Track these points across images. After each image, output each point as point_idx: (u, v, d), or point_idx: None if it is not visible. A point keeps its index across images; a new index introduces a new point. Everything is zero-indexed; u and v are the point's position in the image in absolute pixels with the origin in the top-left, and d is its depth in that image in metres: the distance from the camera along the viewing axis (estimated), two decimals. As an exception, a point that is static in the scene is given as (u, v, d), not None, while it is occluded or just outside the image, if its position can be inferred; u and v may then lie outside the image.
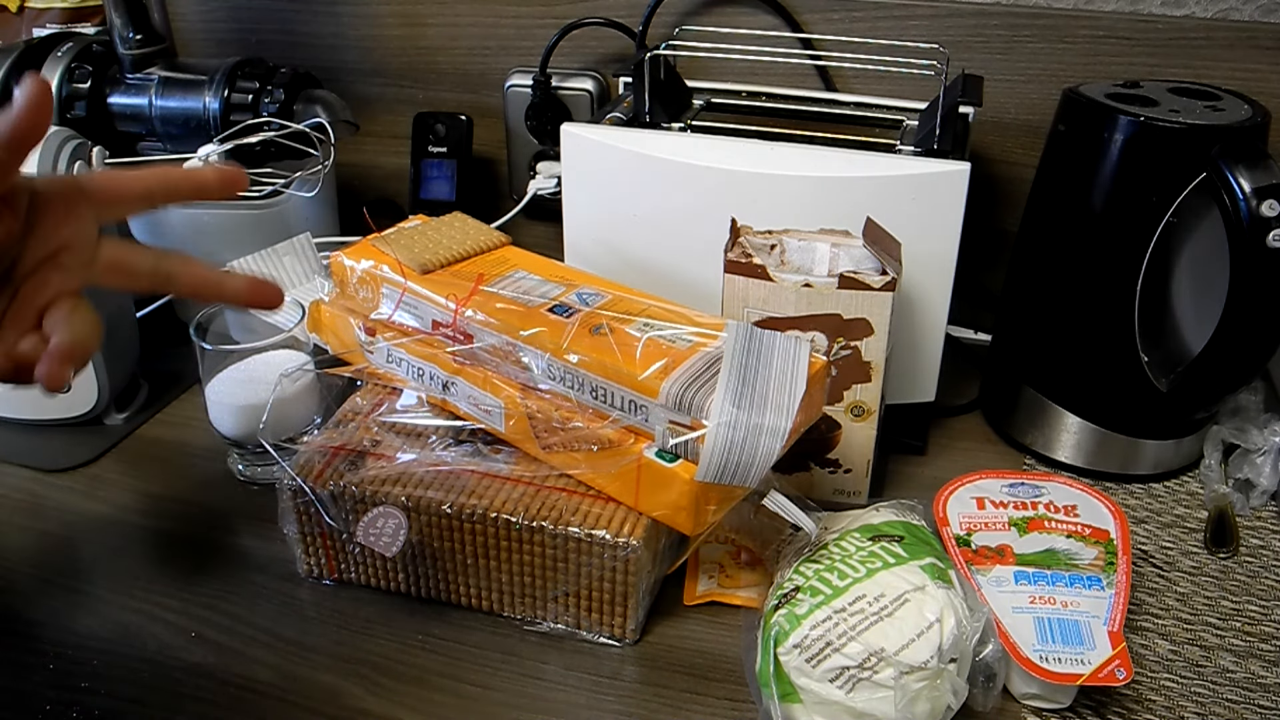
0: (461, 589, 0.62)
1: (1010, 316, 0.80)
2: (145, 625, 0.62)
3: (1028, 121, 0.87)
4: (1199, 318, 0.68)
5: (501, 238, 0.72)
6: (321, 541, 0.63)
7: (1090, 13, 0.83)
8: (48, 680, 0.58)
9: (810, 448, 0.69)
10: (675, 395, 0.56)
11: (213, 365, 0.72)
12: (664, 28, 0.91)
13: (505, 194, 1.02)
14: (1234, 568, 0.67)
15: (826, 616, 0.54)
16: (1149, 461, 0.75)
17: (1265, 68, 0.81)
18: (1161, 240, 0.67)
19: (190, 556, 0.68)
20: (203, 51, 1.06)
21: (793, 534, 0.62)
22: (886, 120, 0.79)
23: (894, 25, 0.87)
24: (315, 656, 0.60)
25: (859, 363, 0.65)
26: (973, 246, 0.70)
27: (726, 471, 0.54)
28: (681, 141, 0.73)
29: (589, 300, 0.64)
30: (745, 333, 0.58)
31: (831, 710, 0.52)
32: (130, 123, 0.87)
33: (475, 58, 1.00)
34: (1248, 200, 0.62)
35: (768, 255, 0.66)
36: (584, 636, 0.61)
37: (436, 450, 0.63)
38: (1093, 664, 0.54)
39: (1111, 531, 0.62)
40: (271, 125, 0.83)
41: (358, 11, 1.01)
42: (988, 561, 0.60)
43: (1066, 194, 0.71)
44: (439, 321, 0.64)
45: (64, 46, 0.86)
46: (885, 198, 0.68)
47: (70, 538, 0.70)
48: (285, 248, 0.80)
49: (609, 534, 0.57)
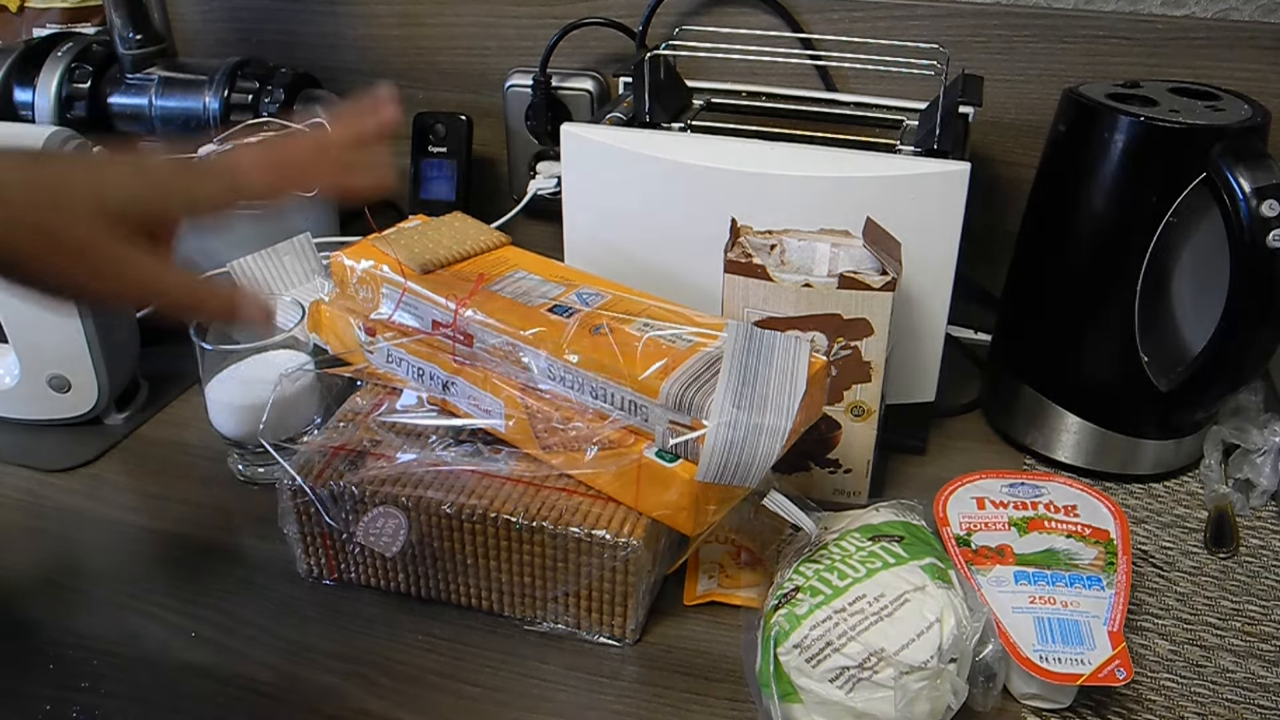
0: (461, 589, 0.62)
1: (1010, 316, 0.80)
2: (145, 625, 0.62)
3: (1028, 121, 0.87)
4: (1199, 318, 0.68)
5: (501, 238, 0.72)
6: (321, 541, 0.63)
7: (1090, 13, 0.83)
8: (48, 680, 0.58)
9: (810, 448, 0.69)
10: (675, 395, 0.56)
11: (213, 365, 0.72)
12: (664, 28, 0.91)
13: (505, 194, 1.02)
14: (1234, 568, 0.67)
15: (826, 616, 0.54)
16: (1149, 461, 0.75)
17: (1265, 68, 0.81)
18: (1161, 240, 0.67)
19: (190, 556, 0.68)
20: (203, 51, 1.06)
21: (793, 534, 0.62)
22: (886, 120, 0.79)
23: (894, 25, 0.87)
24: (315, 656, 0.60)
25: (859, 363, 0.65)
26: (973, 246, 0.70)
27: (726, 471, 0.54)
28: (681, 141, 0.73)
29: (589, 300, 0.64)
30: (745, 333, 0.58)
31: (831, 710, 0.52)
32: (130, 123, 0.87)
33: (475, 58, 1.00)
34: (1248, 200, 0.62)
35: (768, 255, 0.66)
36: (584, 636, 0.61)
37: (436, 450, 0.63)
38: (1093, 664, 0.54)
39: (1111, 531, 0.62)
40: (271, 125, 0.83)
41: (357, 11, 1.01)
42: (988, 561, 0.60)
43: (1066, 194, 0.71)
44: (439, 321, 0.64)
45: (64, 46, 0.86)
46: (885, 198, 0.67)
47: (70, 538, 0.70)
48: (285, 248, 0.80)
49: (609, 534, 0.57)
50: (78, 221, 0.45)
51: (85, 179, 0.46)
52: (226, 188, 0.49)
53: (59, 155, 0.48)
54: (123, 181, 0.47)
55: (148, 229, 0.47)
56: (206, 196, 0.49)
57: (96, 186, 0.46)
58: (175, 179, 0.48)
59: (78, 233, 0.44)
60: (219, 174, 0.50)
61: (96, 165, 0.47)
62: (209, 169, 0.50)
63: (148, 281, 0.47)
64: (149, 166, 0.48)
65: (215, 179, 0.50)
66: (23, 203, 0.44)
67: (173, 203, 0.48)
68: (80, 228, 0.44)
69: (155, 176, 0.48)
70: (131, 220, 0.46)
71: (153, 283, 0.47)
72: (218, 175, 0.50)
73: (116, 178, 0.47)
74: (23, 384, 0.77)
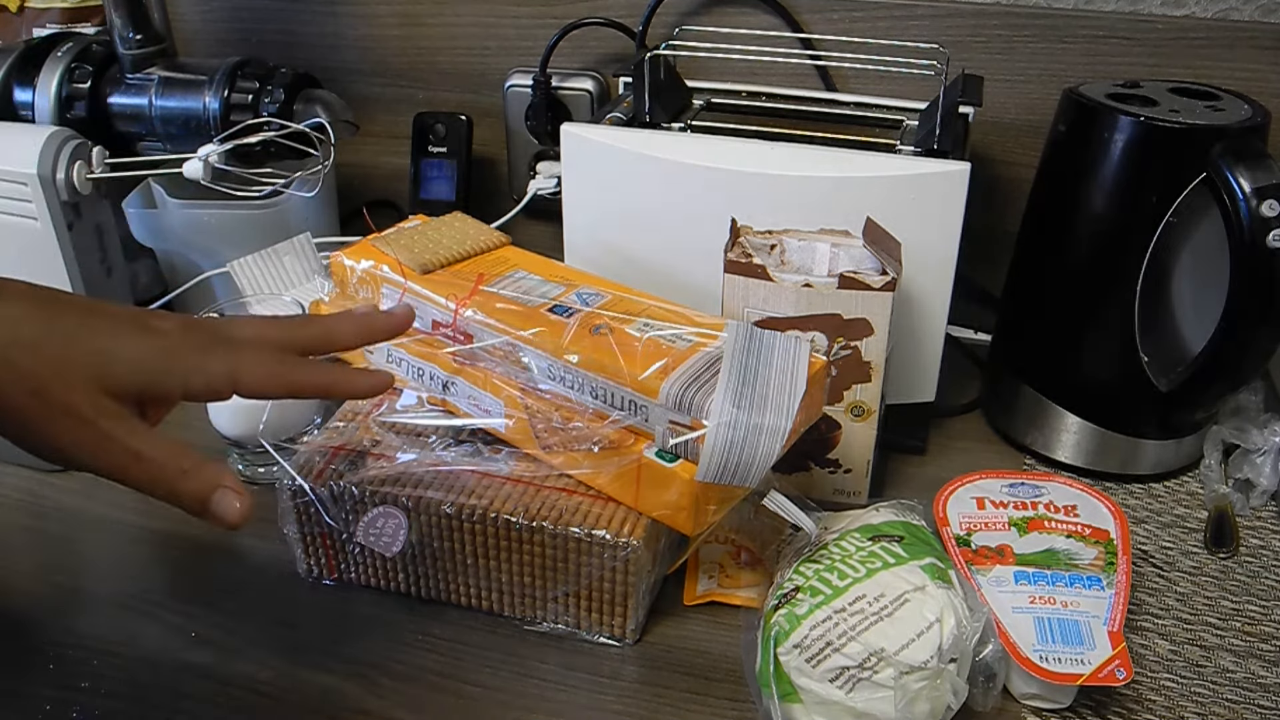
0: (461, 589, 0.62)
1: (1010, 316, 0.80)
2: (145, 625, 0.62)
3: (1028, 121, 0.87)
4: (1199, 318, 0.68)
5: (501, 238, 0.72)
6: (321, 541, 0.63)
7: (1090, 13, 0.83)
8: (48, 680, 0.58)
9: (810, 448, 0.69)
10: (675, 395, 0.56)
11: (213, 365, 0.71)
12: (664, 28, 0.91)
13: (505, 194, 1.02)
14: (1234, 568, 0.67)
15: (826, 616, 0.54)
16: (1149, 461, 0.75)
17: (1265, 68, 0.81)
18: (1161, 240, 0.67)
19: (190, 556, 0.68)
20: (203, 51, 1.06)
21: (793, 534, 0.62)
22: (886, 120, 0.79)
23: (894, 25, 0.87)
24: (315, 656, 0.60)
25: (859, 363, 0.65)
26: (973, 246, 0.70)
27: (726, 471, 0.54)
28: (681, 141, 0.73)
29: (589, 300, 0.64)
30: (745, 333, 0.58)
31: (831, 710, 0.52)
32: (130, 123, 0.87)
33: (475, 58, 1.00)
34: (1248, 200, 0.62)
35: (768, 255, 0.66)
36: (584, 636, 0.61)
37: (436, 450, 0.63)
38: (1093, 664, 0.54)
39: (1111, 531, 0.62)
40: (271, 125, 0.83)
41: (357, 11, 1.01)
42: (988, 561, 0.60)
43: (1066, 194, 0.71)
44: (439, 321, 0.64)
45: (64, 46, 0.86)
46: (885, 198, 0.67)
47: (70, 538, 0.70)
48: (285, 248, 0.80)
49: (609, 534, 0.57)
50: (75, 392, 0.44)
51: (92, 348, 0.45)
52: (226, 374, 0.48)
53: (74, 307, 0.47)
54: (129, 354, 0.46)
55: (142, 404, 0.47)
56: (205, 384, 0.48)
57: (102, 357, 0.45)
58: (183, 357, 0.47)
59: (73, 401, 0.44)
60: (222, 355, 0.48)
61: (108, 332, 0.46)
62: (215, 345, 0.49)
63: (132, 454, 0.45)
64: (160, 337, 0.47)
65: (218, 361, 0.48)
66: (27, 367, 0.44)
67: (173, 384, 0.47)
68: (76, 397, 0.44)
69: (162, 351, 0.47)
70: (130, 395, 0.46)
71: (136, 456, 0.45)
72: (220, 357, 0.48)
73: (123, 349, 0.46)
74: (23, 384, 0.77)
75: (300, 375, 0.51)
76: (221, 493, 0.47)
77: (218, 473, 0.47)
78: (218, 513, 0.47)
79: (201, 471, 0.47)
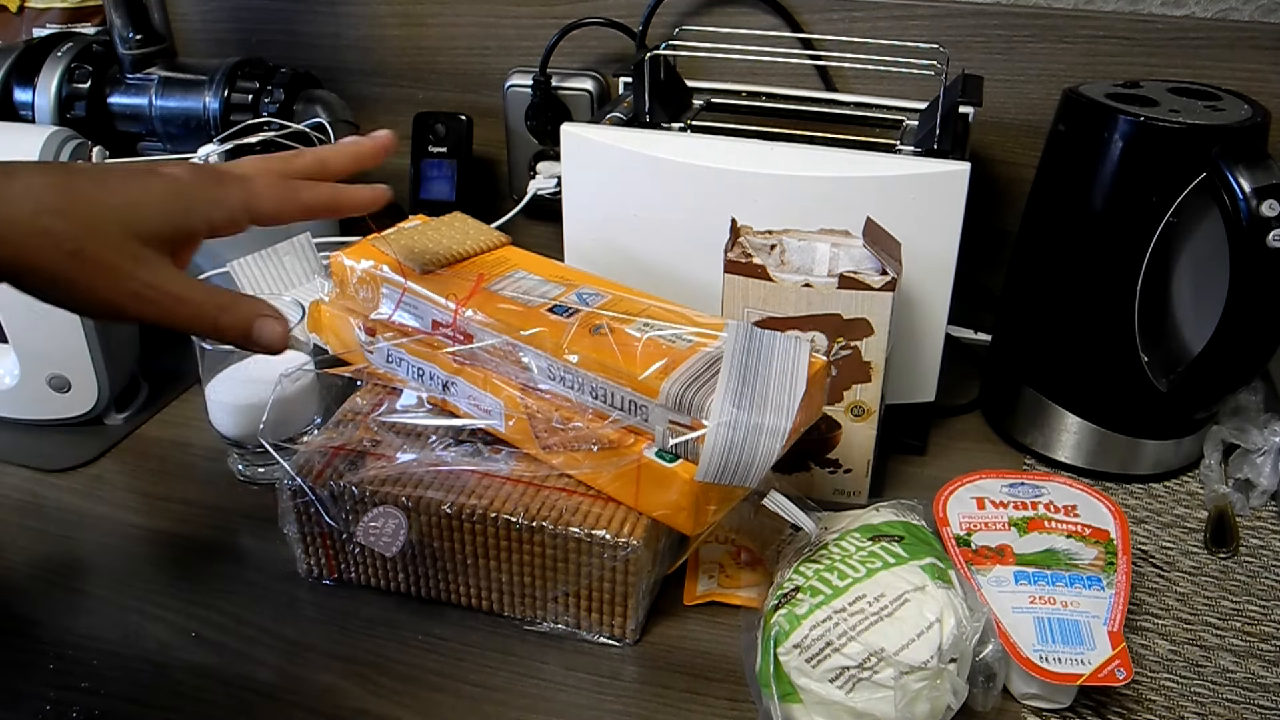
0: (461, 589, 0.62)
1: (1010, 316, 0.80)
2: (145, 625, 0.62)
3: (1028, 121, 0.87)
4: (1199, 318, 0.68)
5: (501, 238, 0.72)
6: (321, 541, 0.63)
7: (1090, 13, 0.83)
8: (48, 680, 0.58)
9: (810, 448, 0.69)
10: (675, 395, 0.56)
11: (213, 365, 0.72)
12: (664, 28, 0.91)
13: (505, 194, 1.02)
14: (1234, 568, 0.67)
15: (826, 616, 0.54)
16: (1149, 461, 0.75)
17: (1265, 68, 0.81)
18: (1161, 240, 0.67)
19: (190, 556, 0.68)
20: (203, 51, 1.06)
21: (793, 534, 0.62)
22: (886, 120, 0.79)
23: (894, 25, 0.87)
24: (315, 656, 0.60)
25: (859, 363, 0.65)
26: (973, 246, 0.70)
27: (726, 471, 0.54)
28: (681, 141, 0.73)
29: (589, 300, 0.64)
30: (745, 333, 0.58)
31: (831, 710, 0.52)
32: (130, 123, 0.87)
33: (475, 58, 1.00)
34: (1248, 200, 0.62)
35: (768, 255, 0.66)
36: (584, 636, 0.61)
37: (436, 450, 0.63)
38: (1093, 664, 0.54)
39: (1111, 531, 0.62)
40: (271, 125, 0.83)
41: (358, 11, 1.01)
42: (988, 561, 0.60)
43: (1066, 194, 0.71)
44: (439, 321, 0.64)
45: (64, 46, 0.86)
46: (885, 198, 0.68)
47: (70, 538, 0.70)
48: (285, 248, 0.81)
49: (609, 534, 0.57)
50: (110, 245, 0.46)
51: (116, 201, 0.47)
52: (242, 201, 0.50)
53: (86, 171, 0.48)
54: (151, 199, 0.48)
55: (172, 246, 0.48)
56: (225, 214, 0.49)
57: (127, 208, 0.47)
58: (199, 191, 0.49)
59: (110, 256, 0.46)
60: (234, 184, 0.50)
61: (125, 184, 0.48)
62: (225, 177, 0.51)
63: (174, 297, 0.47)
64: (173, 179, 0.49)
65: (232, 190, 0.50)
66: (60, 231, 0.45)
67: (197, 220, 0.49)
68: (112, 251, 0.46)
69: (178, 193, 0.49)
70: (160, 238, 0.47)
71: (177, 299, 0.47)
72: (233, 186, 0.50)
73: (145, 196, 0.48)
74: (23, 384, 0.77)
75: (307, 195, 0.53)
76: (261, 320, 0.49)
77: (255, 304, 0.50)
78: (261, 339, 0.49)
79: (240, 305, 0.49)
